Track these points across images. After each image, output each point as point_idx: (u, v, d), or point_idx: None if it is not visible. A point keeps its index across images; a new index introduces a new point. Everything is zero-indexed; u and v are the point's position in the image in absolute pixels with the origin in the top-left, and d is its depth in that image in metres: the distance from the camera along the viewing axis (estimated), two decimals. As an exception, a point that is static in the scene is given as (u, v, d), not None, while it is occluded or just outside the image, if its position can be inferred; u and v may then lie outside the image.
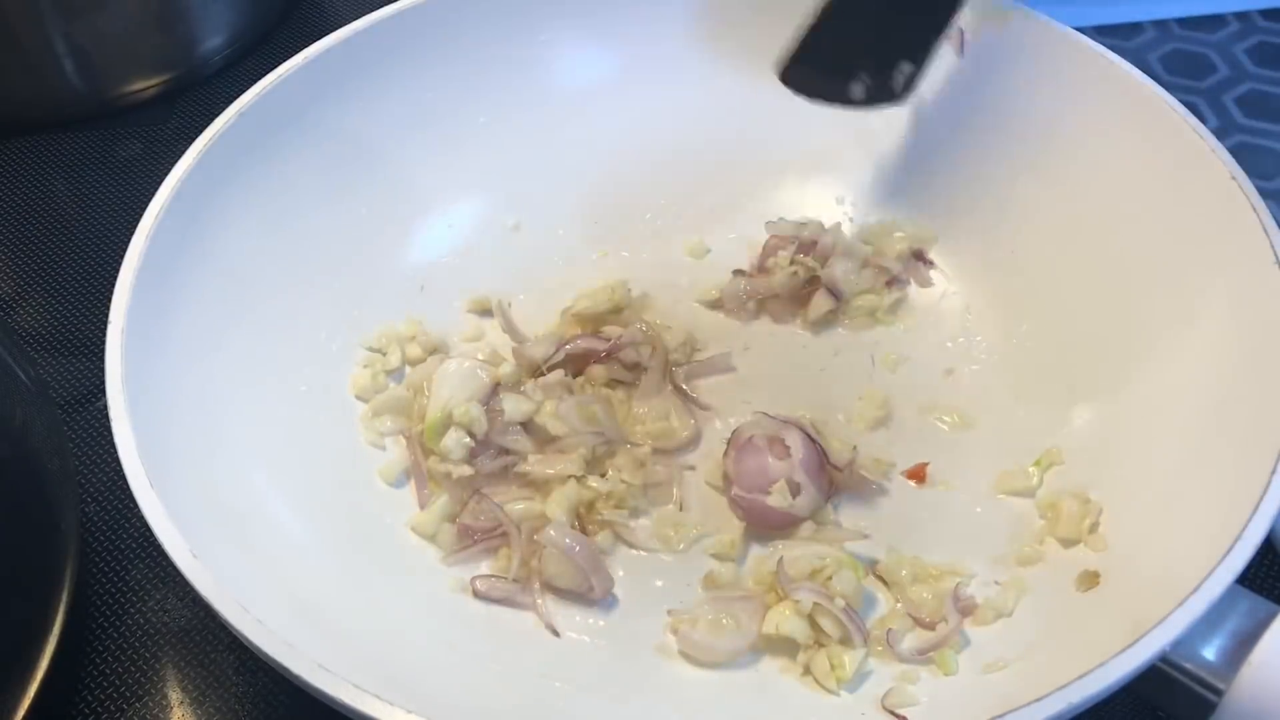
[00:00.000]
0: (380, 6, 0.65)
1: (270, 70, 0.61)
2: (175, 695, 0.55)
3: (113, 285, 0.53)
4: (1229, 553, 0.44)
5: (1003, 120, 0.65)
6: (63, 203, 0.77)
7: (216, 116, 0.59)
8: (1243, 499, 0.45)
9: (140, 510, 0.46)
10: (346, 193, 0.65)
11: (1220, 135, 0.59)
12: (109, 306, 0.52)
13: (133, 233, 0.55)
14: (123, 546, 0.59)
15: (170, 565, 0.45)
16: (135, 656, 0.56)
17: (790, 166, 0.70)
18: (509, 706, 0.50)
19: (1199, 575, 0.43)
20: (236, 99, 0.60)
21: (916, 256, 0.67)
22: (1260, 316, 0.52)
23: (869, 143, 0.69)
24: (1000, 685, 0.49)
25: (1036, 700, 0.42)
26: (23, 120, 0.80)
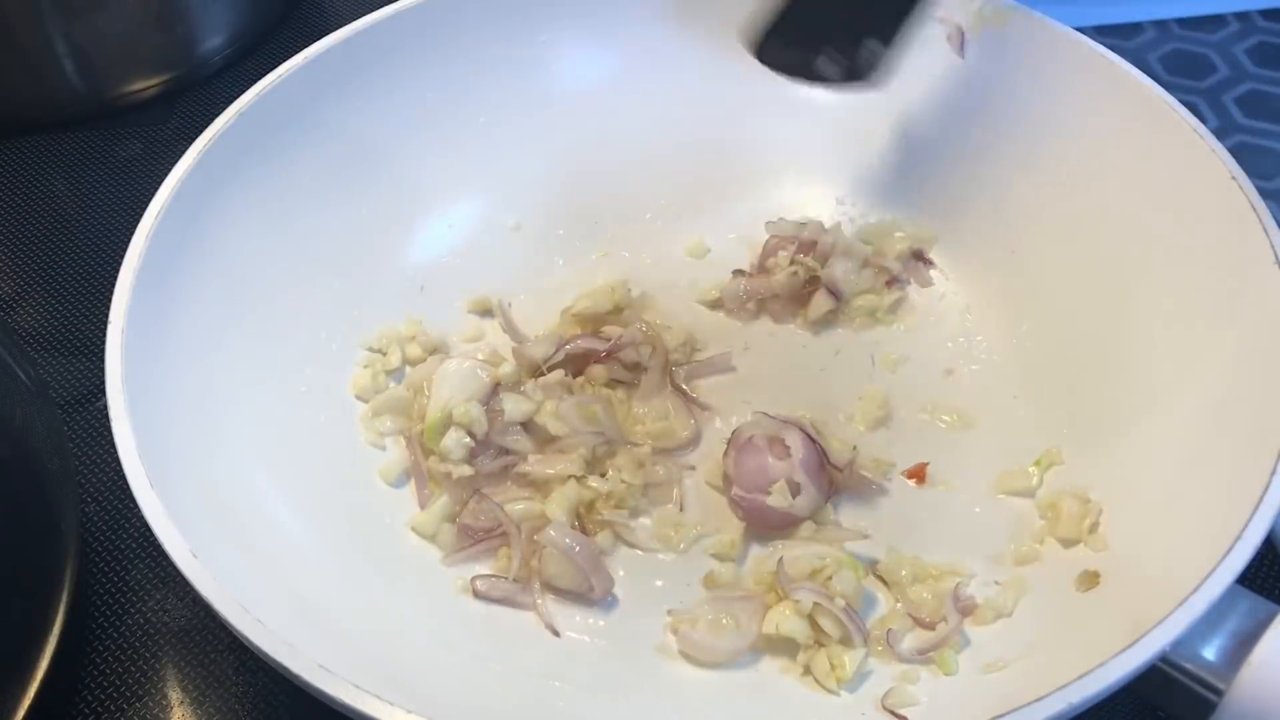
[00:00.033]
0: (380, 6, 0.65)
1: (270, 70, 0.61)
2: (175, 695, 0.55)
3: (113, 285, 0.53)
4: (1229, 553, 0.44)
5: (1003, 120, 0.65)
6: (63, 203, 0.77)
7: (216, 116, 0.59)
8: (1243, 499, 0.45)
9: (140, 510, 0.46)
10: (347, 193, 0.65)
11: (1220, 135, 0.59)
12: (109, 306, 0.52)
13: (133, 233, 0.55)
14: (123, 546, 0.59)
15: (170, 565, 0.45)
16: (135, 656, 0.56)
17: (790, 166, 0.71)
18: (509, 706, 0.50)
19: (1199, 575, 0.43)
20: (236, 99, 0.60)
21: (916, 256, 0.67)
22: (1260, 316, 0.52)
23: (869, 143, 0.69)
24: (1000, 685, 0.49)
25: (1036, 700, 0.42)
26: (23, 120, 0.80)
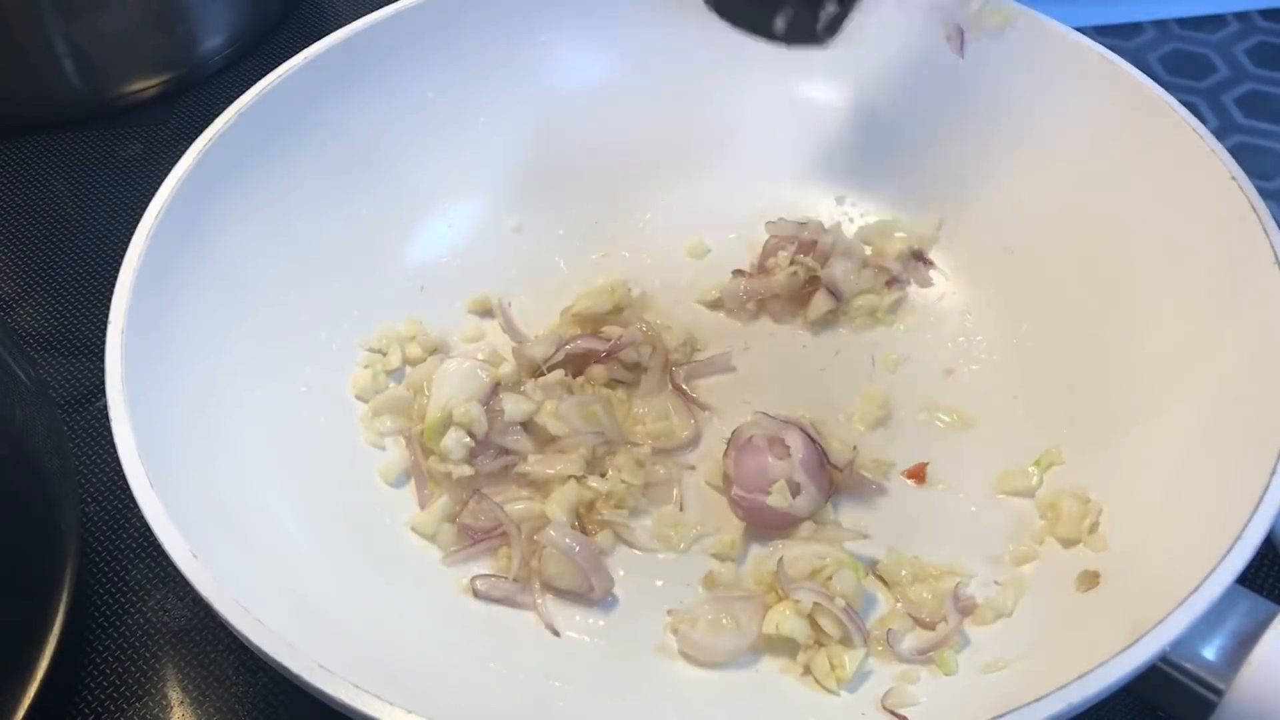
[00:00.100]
0: (380, 6, 0.65)
1: (270, 70, 0.62)
2: (175, 695, 0.55)
3: (113, 285, 0.53)
4: (1229, 553, 0.44)
5: (1003, 120, 0.65)
6: (63, 203, 0.77)
7: (216, 116, 0.59)
8: (1243, 499, 0.45)
9: (140, 510, 0.46)
10: (347, 193, 0.65)
11: (1220, 135, 0.59)
12: (109, 306, 0.52)
13: (133, 233, 0.55)
14: (123, 546, 0.59)
15: (170, 565, 0.45)
16: (135, 656, 0.56)
17: (790, 166, 0.71)
18: (509, 706, 0.50)
19: (1199, 575, 0.43)
20: (236, 99, 0.60)
21: (916, 256, 0.67)
22: (1260, 316, 0.52)
23: (869, 142, 0.69)
24: (1000, 685, 0.49)
25: (1036, 700, 0.42)
26: (23, 120, 0.80)
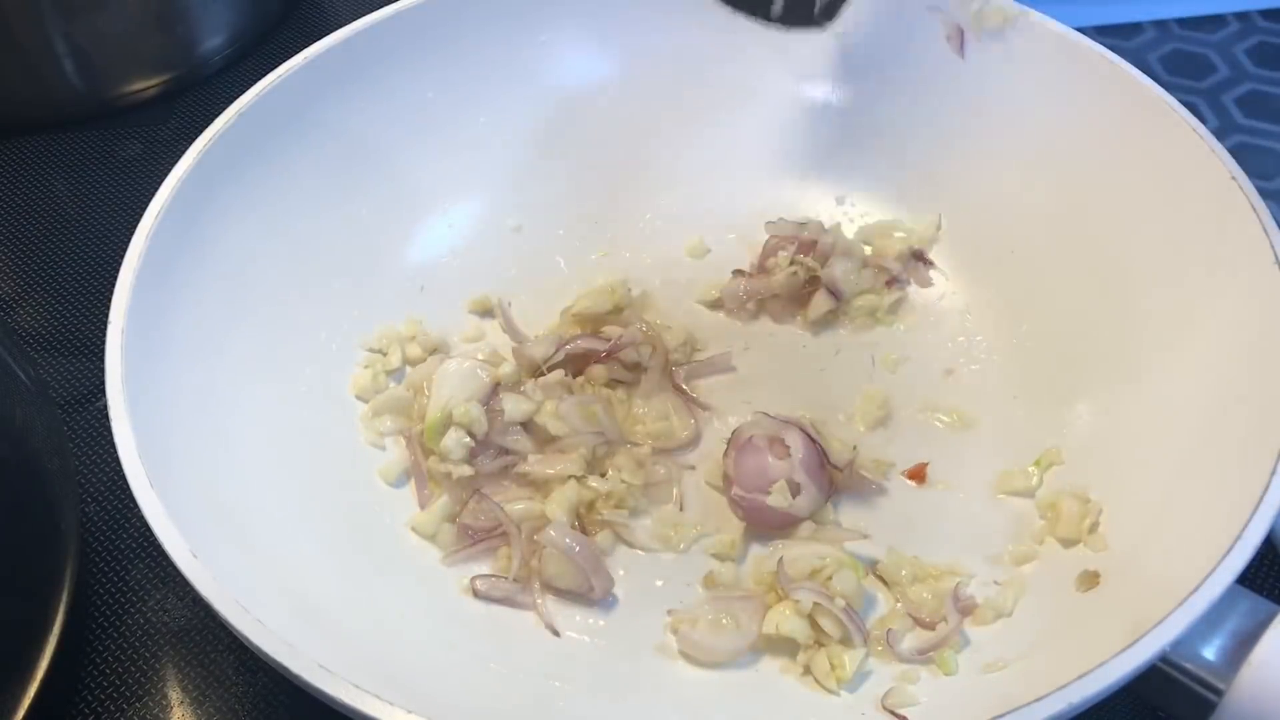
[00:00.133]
0: (380, 6, 0.65)
1: (270, 70, 0.61)
2: (175, 695, 0.55)
3: (113, 285, 0.53)
4: (1229, 553, 0.44)
5: (1003, 120, 0.65)
6: (63, 203, 0.77)
7: (216, 116, 0.59)
8: (1243, 499, 0.45)
9: (140, 510, 0.46)
10: (347, 193, 0.65)
11: (1220, 135, 0.59)
12: (109, 306, 0.52)
13: (133, 233, 0.55)
14: (123, 546, 0.59)
15: (170, 565, 0.45)
16: (135, 656, 0.56)
17: (790, 166, 0.70)
18: (509, 706, 0.50)
19: (1199, 575, 0.43)
20: (236, 99, 0.60)
21: (916, 256, 0.67)
22: (1260, 316, 0.52)
23: (869, 143, 0.69)
24: (1000, 685, 0.49)
25: (1036, 700, 0.41)
26: (23, 120, 0.80)
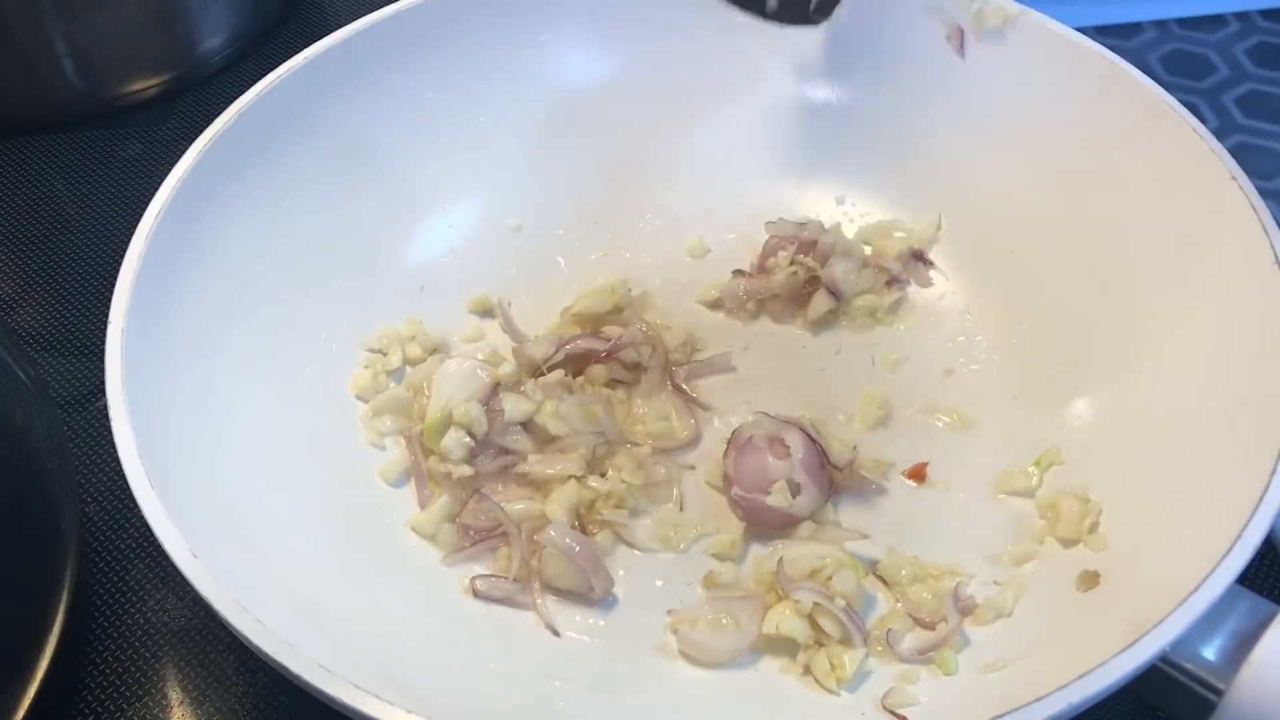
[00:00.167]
0: (380, 6, 0.65)
1: (270, 70, 0.61)
2: (175, 695, 0.55)
3: (113, 285, 0.53)
4: (1229, 553, 0.44)
5: (1002, 120, 0.65)
6: (63, 203, 0.77)
7: (216, 116, 0.59)
8: (1243, 499, 0.45)
9: (140, 510, 0.46)
10: (347, 193, 0.65)
11: (1220, 135, 0.59)
12: (109, 306, 0.52)
13: (133, 233, 0.55)
14: (123, 546, 0.59)
15: (170, 565, 0.45)
16: (135, 656, 0.56)
17: (790, 166, 0.70)
18: (509, 706, 0.50)
19: (1199, 575, 0.43)
20: (236, 99, 0.60)
21: (916, 256, 0.67)
22: (1260, 316, 0.52)
23: (869, 143, 0.69)
24: (1000, 685, 0.49)
25: (1036, 700, 0.41)
26: (23, 120, 0.80)
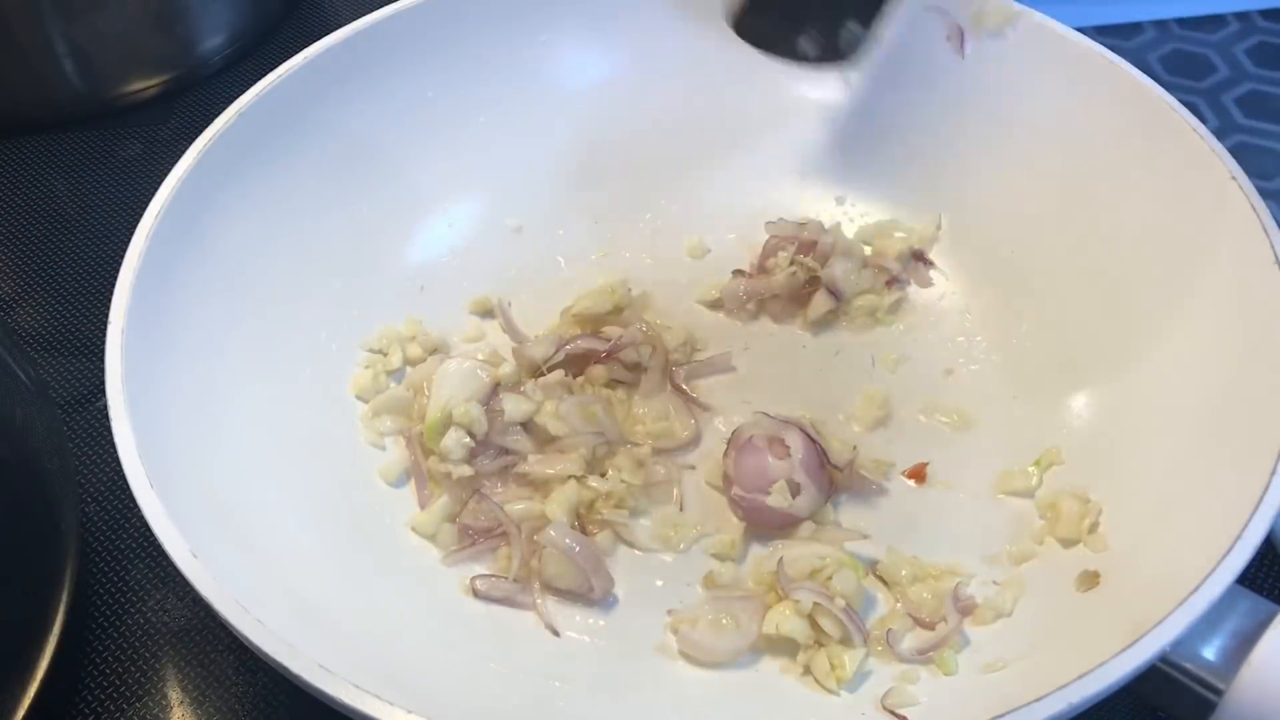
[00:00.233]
0: (380, 6, 0.65)
1: (270, 70, 0.61)
2: (175, 695, 0.55)
3: (113, 285, 0.53)
4: (1229, 553, 0.44)
5: (1003, 120, 0.65)
6: (63, 203, 0.77)
7: (216, 116, 0.59)
8: (1243, 499, 0.45)
9: (140, 510, 0.46)
10: (347, 193, 0.65)
11: (1220, 135, 0.59)
12: (109, 306, 0.52)
13: (133, 233, 0.55)
14: (123, 546, 0.59)
15: (170, 565, 0.45)
16: (135, 656, 0.56)
17: (790, 166, 0.70)
18: (509, 706, 0.50)
19: (1199, 575, 0.43)
20: (236, 99, 0.60)
21: (916, 256, 0.67)
22: (1260, 316, 0.52)
23: (869, 143, 0.69)
24: (1000, 685, 0.49)
25: (1036, 700, 0.42)
26: (23, 120, 0.80)
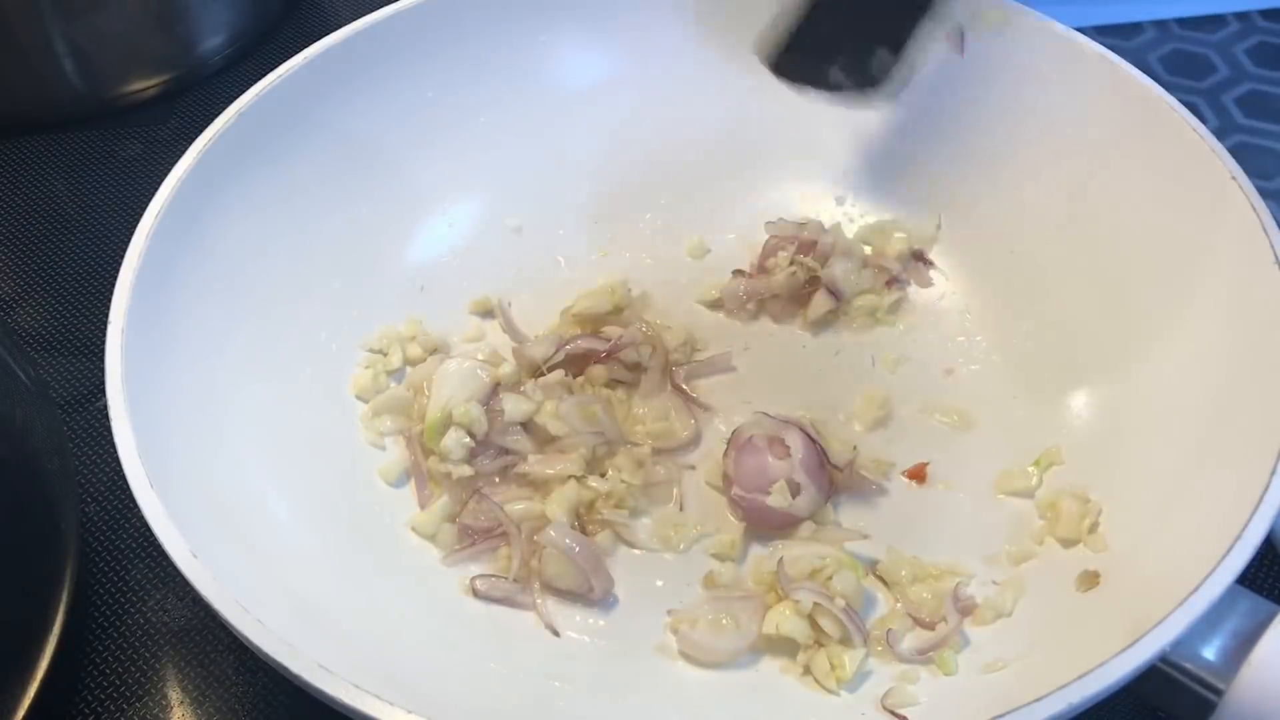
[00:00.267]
0: (380, 6, 0.65)
1: (270, 70, 0.61)
2: (175, 695, 0.55)
3: (113, 285, 0.53)
4: (1229, 553, 0.44)
5: (1003, 120, 0.65)
6: (63, 203, 0.77)
7: (216, 116, 0.59)
8: (1243, 499, 0.45)
9: (140, 510, 0.46)
10: (347, 193, 0.65)
11: (1220, 135, 0.59)
12: (109, 306, 0.52)
13: (133, 233, 0.55)
14: (123, 546, 0.59)
15: (170, 565, 0.45)
16: (135, 656, 0.56)
17: (790, 166, 0.70)
18: (509, 706, 0.50)
19: (1199, 575, 0.43)
20: (236, 99, 0.60)
21: (916, 256, 0.67)
22: (1260, 316, 0.52)
23: (869, 143, 0.69)
24: (1000, 685, 0.49)
25: (1036, 700, 0.41)
26: (23, 120, 0.80)
